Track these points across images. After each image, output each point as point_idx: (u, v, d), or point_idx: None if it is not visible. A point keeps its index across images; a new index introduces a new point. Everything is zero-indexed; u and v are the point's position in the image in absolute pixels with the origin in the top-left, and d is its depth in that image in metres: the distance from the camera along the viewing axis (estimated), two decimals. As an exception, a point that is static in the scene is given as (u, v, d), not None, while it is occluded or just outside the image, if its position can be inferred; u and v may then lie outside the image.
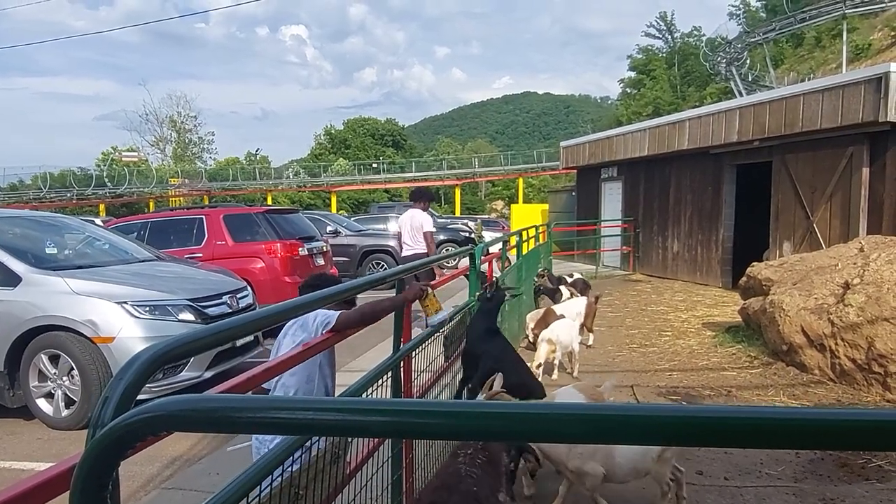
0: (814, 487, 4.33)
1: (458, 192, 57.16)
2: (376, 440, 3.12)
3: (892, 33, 36.35)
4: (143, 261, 7.43)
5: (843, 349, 6.49)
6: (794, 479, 4.47)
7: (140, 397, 4.20)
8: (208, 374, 6.20)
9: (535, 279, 10.45)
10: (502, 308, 6.64)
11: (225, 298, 6.84)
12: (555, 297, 9.89)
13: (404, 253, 9.51)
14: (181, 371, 6.00)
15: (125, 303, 5.87)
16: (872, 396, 6.16)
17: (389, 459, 3.09)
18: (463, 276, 6.04)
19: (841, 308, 6.65)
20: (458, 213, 48.60)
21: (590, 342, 8.66)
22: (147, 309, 5.96)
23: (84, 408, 5.78)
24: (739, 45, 40.88)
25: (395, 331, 3.29)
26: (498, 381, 3.94)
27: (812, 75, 34.56)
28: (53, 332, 5.89)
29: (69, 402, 5.92)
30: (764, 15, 49.55)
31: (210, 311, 6.45)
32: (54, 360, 5.93)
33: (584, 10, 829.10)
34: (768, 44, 40.89)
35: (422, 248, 9.34)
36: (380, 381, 2.92)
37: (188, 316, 6.20)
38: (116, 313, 5.80)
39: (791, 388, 6.59)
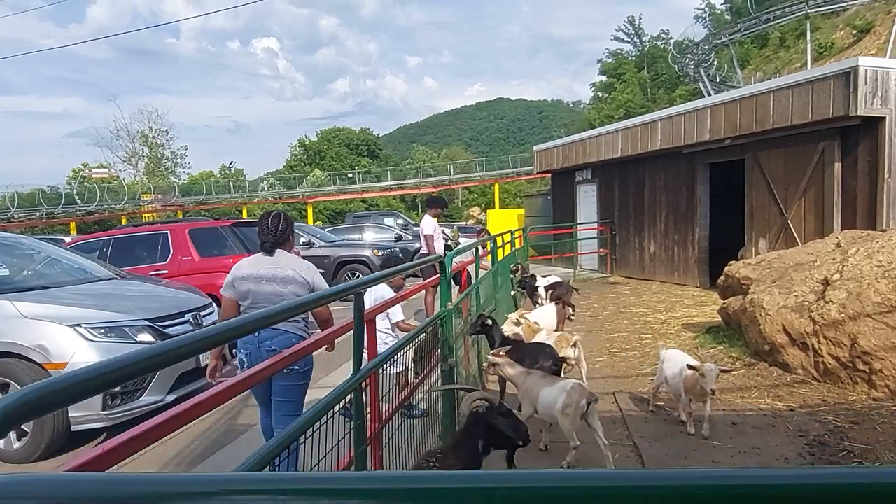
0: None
1: (433, 199, 56.88)
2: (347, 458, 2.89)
3: (854, 32, 36.83)
4: (101, 280, 7.12)
5: (826, 347, 6.35)
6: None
7: (98, 425, 3.92)
8: (171, 398, 5.89)
9: (511, 274, 10.52)
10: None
11: (188, 317, 6.54)
12: (534, 295, 9.95)
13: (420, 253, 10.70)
14: (140, 396, 5.70)
15: (78, 325, 5.56)
16: (858, 395, 6.01)
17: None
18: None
19: (822, 305, 6.51)
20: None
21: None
22: (102, 331, 5.65)
23: (37, 440, 5.44)
24: (706, 47, 41.33)
25: (354, 346, 2.97)
26: None
27: (778, 75, 34.83)
28: (1, 359, 5.57)
29: (21, 435, 5.56)
30: (729, 17, 49.97)
31: (171, 330, 6.15)
32: (3, 389, 5.59)
33: (551, 18, 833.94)
34: (734, 45, 41.36)
35: (426, 249, 10.25)
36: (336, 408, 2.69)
37: (147, 337, 5.89)
38: (69, 337, 5.50)
39: (775, 388, 6.43)
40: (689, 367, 5.08)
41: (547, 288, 10.56)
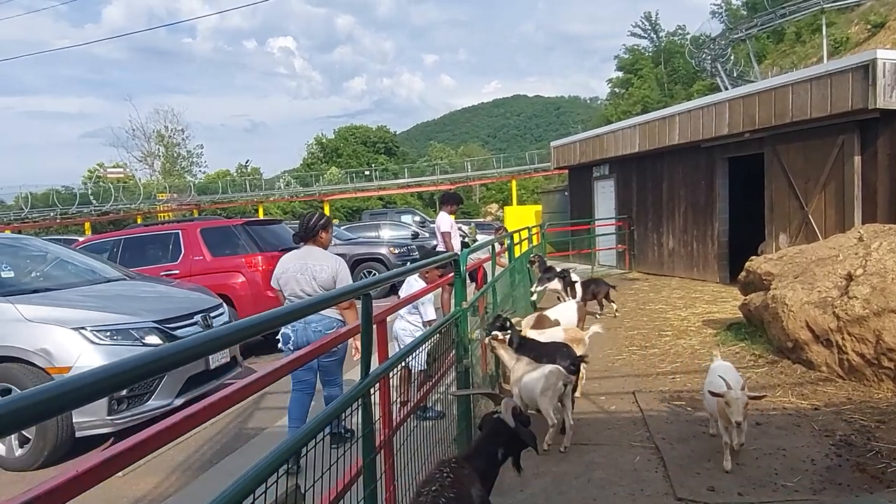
0: (833, 499, 3.99)
1: (451, 196, 56.69)
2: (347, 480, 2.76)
3: (868, 27, 36.42)
4: (109, 281, 7.02)
5: (851, 344, 6.16)
6: (812, 490, 4.12)
7: (103, 431, 3.82)
8: (179, 402, 5.77)
9: (528, 265, 10.44)
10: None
11: (197, 318, 6.43)
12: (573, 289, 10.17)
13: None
14: (148, 400, 5.59)
15: (83, 328, 5.44)
16: (884, 393, 5.83)
17: (363, 501, 2.73)
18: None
19: (846, 301, 6.32)
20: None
21: None
22: (108, 334, 5.53)
23: (39, 446, 5.31)
24: (723, 42, 40.99)
25: (363, 349, 2.84)
26: None
27: (794, 69, 34.58)
28: (3, 363, 5.45)
29: (23, 441, 5.41)
30: (745, 13, 49.47)
31: (179, 332, 6.03)
32: (5, 394, 5.41)
33: (565, 15, 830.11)
34: (751, 40, 40.93)
35: (443, 246, 10.12)
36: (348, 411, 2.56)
37: (154, 339, 5.77)
38: (73, 340, 5.38)
39: (799, 386, 6.25)
40: (711, 392, 4.38)
41: (584, 284, 10.52)
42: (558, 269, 10.69)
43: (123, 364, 1.25)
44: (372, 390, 2.83)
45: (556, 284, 10.16)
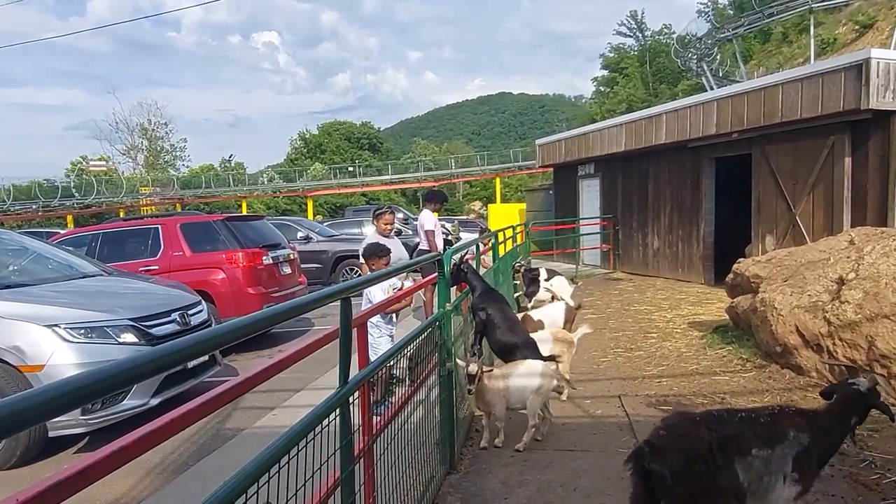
0: (827, 511, 3.88)
1: (435, 193, 56.53)
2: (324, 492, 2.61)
3: (856, 27, 36.57)
4: (86, 277, 6.83)
5: (842, 350, 6.07)
6: (804, 501, 4.00)
7: (77, 431, 3.65)
8: (155, 402, 5.61)
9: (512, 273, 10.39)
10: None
11: (174, 316, 6.26)
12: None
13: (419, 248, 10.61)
14: (123, 399, 5.42)
15: (57, 325, 5.27)
16: (876, 400, 5.73)
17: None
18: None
19: (837, 305, 6.23)
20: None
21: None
22: (82, 331, 5.37)
23: (13, 445, 5.15)
24: (709, 41, 41.03)
25: (340, 355, 2.68)
26: None
27: (780, 70, 34.66)
28: None
29: (-6, 440, 5.27)
30: (731, 12, 49.59)
31: (156, 330, 5.87)
32: (-23, 392, 5.29)
33: (551, 14, 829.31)
34: (737, 39, 41.00)
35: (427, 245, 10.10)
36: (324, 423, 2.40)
37: (130, 337, 5.61)
38: (46, 338, 5.21)
39: (788, 392, 6.16)
40: None
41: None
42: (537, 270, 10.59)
43: (100, 373, 1.23)
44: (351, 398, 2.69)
45: (544, 294, 10.04)
